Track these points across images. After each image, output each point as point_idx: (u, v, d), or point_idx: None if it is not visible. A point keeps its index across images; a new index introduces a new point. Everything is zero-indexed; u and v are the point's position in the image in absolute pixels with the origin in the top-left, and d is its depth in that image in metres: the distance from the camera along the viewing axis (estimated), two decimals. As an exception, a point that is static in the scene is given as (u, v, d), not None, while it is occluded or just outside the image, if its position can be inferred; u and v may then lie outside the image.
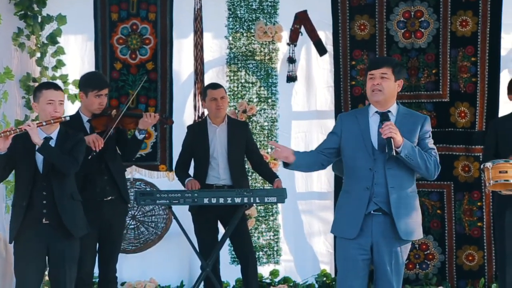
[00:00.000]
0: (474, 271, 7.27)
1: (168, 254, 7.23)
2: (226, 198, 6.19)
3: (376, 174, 4.53)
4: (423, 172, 4.57)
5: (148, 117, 5.94)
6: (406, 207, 4.55)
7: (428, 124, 4.68)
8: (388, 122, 4.48)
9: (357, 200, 4.57)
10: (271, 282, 7.34)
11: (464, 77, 7.28)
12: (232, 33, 7.44)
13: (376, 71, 4.58)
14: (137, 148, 6.08)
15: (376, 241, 4.54)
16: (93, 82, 5.91)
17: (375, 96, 4.58)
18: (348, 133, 4.65)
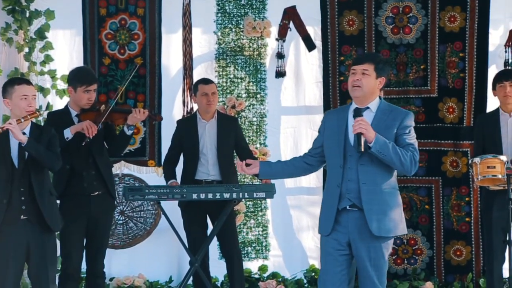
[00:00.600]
0: (462, 266, 7.29)
1: (157, 250, 7.23)
2: (214, 193, 6.18)
3: (350, 170, 4.54)
4: (398, 167, 4.55)
5: (137, 113, 5.93)
6: (380, 203, 4.53)
7: (409, 119, 4.62)
8: (359, 118, 4.48)
9: (330, 197, 4.61)
10: (260, 278, 7.35)
11: (452, 72, 7.30)
12: (220, 28, 7.43)
13: (358, 66, 4.58)
14: (125, 144, 6.08)
15: (352, 237, 4.55)
16: (82, 77, 5.90)
17: (354, 91, 4.59)
18: (329, 131, 4.68)
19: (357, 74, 4.57)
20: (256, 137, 7.44)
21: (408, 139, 4.60)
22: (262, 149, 7.41)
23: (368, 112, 4.61)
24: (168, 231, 6.52)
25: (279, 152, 7.54)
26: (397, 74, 7.35)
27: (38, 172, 5.23)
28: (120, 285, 7.12)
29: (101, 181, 5.90)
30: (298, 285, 7.30)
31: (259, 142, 7.43)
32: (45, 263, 5.23)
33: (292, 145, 7.61)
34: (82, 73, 6.00)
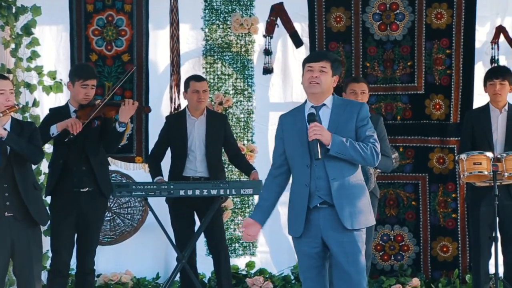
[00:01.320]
0: (449, 262, 7.32)
1: (144, 246, 7.22)
2: (202, 190, 6.19)
3: (317, 168, 4.54)
4: (360, 162, 4.55)
5: (127, 104, 5.93)
6: (349, 197, 4.54)
7: (365, 110, 4.61)
8: (312, 124, 4.47)
9: (299, 198, 4.59)
10: (247, 274, 7.35)
11: (439, 69, 7.32)
12: (208, 25, 7.43)
13: (316, 64, 4.56)
14: (116, 141, 6.06)
15: (325, 233, 4.55)
16: (80, 72, 5.97)
17: (313, 88, 4.56)
18: (288, 133, 4.65)
19: (315, 71, 4.55)
20: (244, 133, 7.44)
21: (367, 131, 4.60)
22: (249, 146, 7.41)
23: (325, 108, 4.61)
24: (155, 228, 6.52)
25: (266, 148, 7.54)
26: (384, 71, 7.37)
27: (21, 167, 5.22)
28: (107, 282, 7.11)
29: (91, 178, 5.89)
30: (285, 281, 7.31)
31: (247, 138, 7.44)
32: (30, 260, 5.21)
33: (276, 142, 7.60)
34: (81, 68, 6.12)
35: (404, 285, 7.16)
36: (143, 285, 7.20)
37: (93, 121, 5.91)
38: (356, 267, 4.55)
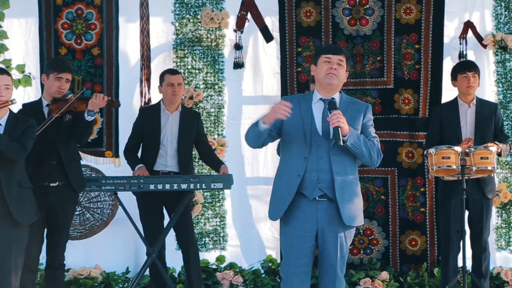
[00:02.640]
0: (417, 255, 7.38)
1: (114, 240, 7.20)
2: (172, 184, 6.18)
3: (322, 160, 4.54)
4: (366, 160, 4.59)
5: (96, 98, 5.90)
6: (350, 193, 4.57)
7: (370, 112, 4.69)
8: (336, 111, 4.46)
9: (287, 186, 4.56)
10: (217, 268, 7.35)
11: (408, 64, 7.37)
12: (178, 19, 7.41)
13: (335, 56, 4.58)
14: (86, 130, 6.00)
15: (321, 227, 4.55)
16: (55, 64, 5.97)
17: (331, 79, 4.56)
18: (290, 118, 4.63)
19: (333, 63, 4.57)
20: (214, 128, 7.43)
21: (373, 131, 4.69)
22: (220, 140, 7.41)
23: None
24: (125, 222, 6.50)
25: (237, 143, 7.55)
26: (354, 66, 7.40)
27: (6, 163, 5.16)
28: (76, 276, 7.09)
29: (61, 172, 5.85)
30: (255, 275, 7.32)
31: (217, 133, 7.43)
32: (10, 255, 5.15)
33: (249, 136, 7.61)
34: (56, 61, 6.14)
35: (373, 278, 7.21)
36: (112, 279, 7.18)
37: (65, 115, 5.88)
38: (343, 262, 4.62)
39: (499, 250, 7.34)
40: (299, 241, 4.56)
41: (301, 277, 4.59)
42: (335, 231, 4.56)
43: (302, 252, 4.56)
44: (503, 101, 7.34)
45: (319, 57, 4.63)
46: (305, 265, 4.58)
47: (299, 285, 4.58)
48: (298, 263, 4.56)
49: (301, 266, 4.57)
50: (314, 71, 4.67)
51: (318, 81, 4.65)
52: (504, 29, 7.34)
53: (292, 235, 4.58)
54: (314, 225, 4.55)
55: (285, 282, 4.61)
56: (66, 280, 6.89)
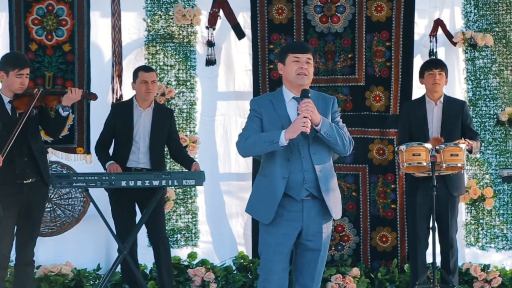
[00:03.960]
0: (388, 252, 7.43)
1: (85, 237, 7.17)
2: (144, 180, 6.15)
3: (304, 160, 4.56)
4: (340, 148, 4.59)
5: (72, 92, 5.87)
6: (332, 189, 4.61)
7: (336, 104, 4.73)
8: (305, 100, 4.47)
9: (274, 188, 4.56)
10: (189, 265, 7.35)
11: (379, 61, 7.41)
12: (150, 15, 7.40)
13: (303, 55, 4.59)
14: (61, 126, 5.99)
15: (306, 225, 4.58)
16: (14, 61, 5.85)
17: (302, 79, 4.57)
18: (267, 116, 4.62)
19: (302, 63, 4.58)
20: (186, 124, 7.43)
21: (340, 122, 4.71)
22: (192, 137, 7.40)
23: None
24: (97, 219, 6.48)
25: (209, 139, 7.55)
26: (325, 63, 7.43)
27: None
28: (47, 273, 7.05)
29: (34, 168, 5.82)
30: (227, 271, 7.33)
31: (189, 129, 7.43)
32: None
33: (222, 133, 7.63)
34: (14, 57, 5.96)
35: (344, 275, 7.24)
36: (83, 276, 7.15)
37: (31, 110, 5.83)
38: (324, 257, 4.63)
39: (468, 246, 7.41)
40: (284, 240, 4.58)
41: (281, 274, 4.62)
42: (320, 227, 4.59)
43: (285, 250, 4.59)
44: (473, 99, 7.40)
45: (286, 56, 4.63)
46: (285, 262, 4.62)
47: (279, 282, 4.61)
48: (279, 260, 4.59)
49: (281, 263, 4.60)
50: (282, 69, 4.66)
51: (288, 81, 4.65)
52: (474, 27, 7.41)
53: (277, 233, 4.59)
54: (300, 224, 4.58)
55: (265, 280, 4.63)
56: (36, 277, 6.87)
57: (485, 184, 7.37)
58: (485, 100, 7.40)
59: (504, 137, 7.38)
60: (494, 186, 7.36)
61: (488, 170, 7.39)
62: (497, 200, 7.38)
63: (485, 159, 7.39)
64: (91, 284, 7.20)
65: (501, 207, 7.38)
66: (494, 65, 7.38)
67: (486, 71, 7.40)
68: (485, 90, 7.40)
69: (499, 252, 7.39)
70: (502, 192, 7.39)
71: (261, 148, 4.55)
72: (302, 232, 4.59)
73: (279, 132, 4.45)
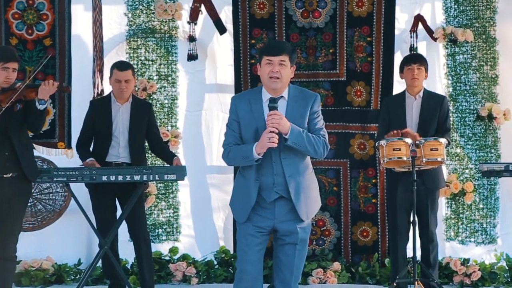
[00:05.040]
0: (368, 246, 7.46)
1: (66, 232, 7.16)
2: (125, 175, 6.13)
3: (275, 164, 4.57)
4: (311, 154, 4.61)
5: (46, 85, 5.83)
6: (305, 191, 4.61)
7: (318, 103, 4.68)
8: (271, 112, 4.47)
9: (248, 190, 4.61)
10: (170, 260, 7.36)
11: (360, 56, 7.43)
12: (131, 9, 7.38)
13: (276, 58, 4.54)
14: (39, 119, 5.93)
15: (278, 223, 4.60)
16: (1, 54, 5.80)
17: (274, 83, 4.55)
18: (243, 119, 4.63)
19: (275, 66, 4.53)
20: (168, 119, 7.42)
21: (320, 123, 4.68)
22: (173, 132, 7.40)
23: (282, 100, 4.61)
24: (78, 214, 6.45)
25: (191, 134, 7.55)
26: (307, 58, 7.44)
27: None
28: (27, 268, 7.03)
29: (15, 163, 5.78)
30: (208, 266, 7.34)
31: (171, 124, 7.42)
32: None
33: (204, 127, 7.63)
34: (1, 51, 5.91)
35: (325, 269, 7.26)
36: (64, 271, 7.14)
37: (15, 104, 5.80)
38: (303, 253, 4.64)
39: (449, 241, 7.45)
40: (256, 231, 4.61)
41: (256, 265, 4.64)
42: (294, 226, 4.60)
43: (257, 240, 4.61)
44: (453, 94, 7.44)
45: (262, 58, 4.61)
46: (259, 253, 4.64)
47: (254, 273, 4.62)
48: (253, 250, 4.61)
49: (255, 253, 4.62)
50: (259, 71, 4.66)
51: (263, 83, 4.65)
52: (454, 22, 7.44)
53: (248, 226, 4.63)
54: (272, 221, 4.61)
55: (241, 271, 4.65)
56: (17, 272, 6.83)
57: (465, 178, 7.41)
58: (465, 95, 7.44)
59: (484, 132, 7.42)
60: (474, 180, 7.41)
61: (468, 164, 7.43)
62: (477, 195, 7.42)
63: (465, 153, 7.43)
64: (72, 279, 7.19)
65: (481, 201, 7.43)
66: (474, 61, 7.41)
67: (466, 66, 7.43)
68: (465, 85, 7.43)
69: (479, 246, 7.44)
70: (482, 186, 7.43)
71: (242, 163, 4.63)
72: (277, 229, 4.61)
73: (251, 147, 4.50)
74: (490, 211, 7.43)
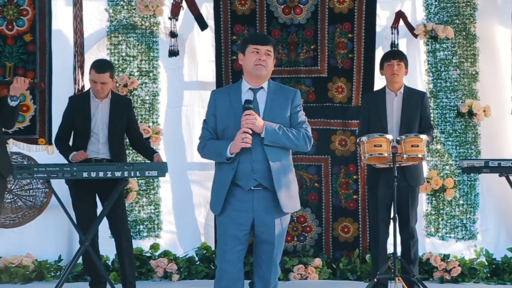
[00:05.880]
0: (349, 242, 7.48)
1: (47, 229, 7.14)
2: (106, 172, 6.09)
3: (255, 150, 4.57)
4: (293, 149, 4.64)
5: (17, 82, 5.80)
6: (285, 181, 4.61)
7: (299, 98, 4.72)
8: (247, 112, 4.50)
9: (223, 179, 4.61)
10: (151, 256, 7.35)
11: (342, 53, 7.45)
12: (112, 5, 7.36)
13: (262, 47, 4.60)
14: (11, 116, 5.89)
15: (257, 215, 4.59)
16: None
17: (260, 70, 4.58)
18: (221, 110, 4.64)
19: (261, 54, 4.58)
20: (149, 115, 7.41)
21: (300, 117, 4.70)
22: (154, 128, 7.38)
23: (262, 91, 4.64)
24: (58, 210, 6.41)
25: (172, 130, 7.54)
26: (288, 54, 7.44)
27: None
28: (7, 265, 7.00)
29: None
30: (189, 262, 7.34)
31: (152, 120, 7.40)
32: None
33: (185, 124, 7.63)
34: None
35: (306, 265, 7.28)
36: (44, 267, 7.12)
37: None
38: (280, 248, 4.64)
39: (429, 237, 7.49)
40: (235, 229, 4.59)
41: (236, 265, 4.62)
42: (273, 219, 4.60)
43: (237, 240, 4.59)
44: (434, 90, 7.47)
45: (247, 47, 4.64)
46: (240, 252, 4.62)
47: (234, 272, 4.61)
48: (233, 250, 4.59)
49: (235, 253, 4.60)
50: (242, 60, 4.68)
51: (247, 71, 4.66)
52: (435, 19, 7.47)
53: (227, 223, 4.61)
54: (250, 214, 4.59)
55: (221, 270, 4.63)
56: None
57: (446, 175, 7.45)
58: (446, 92, 7.47)
59: (464, 128, 7.46)
60: (454, 177, 7.44)
61: (449, 161, 7.47)
62: (457, 191, 7.46)
63: (446, 150, 7.46)
64: (52, 276, 7.16)
65: (461, 197, 7.47)
66: (455, 57, 7.45)
67: (446, 63, 7.47)
68: (446, 82, 7.47)
69: (459, 242, 7.48)
70: (462, 182, 7.47)
71: (214, 159, 4.68)
72: (255, 223, 4.61)
73: (226, 145, 4.53)
74: (470, 207, 7.47)
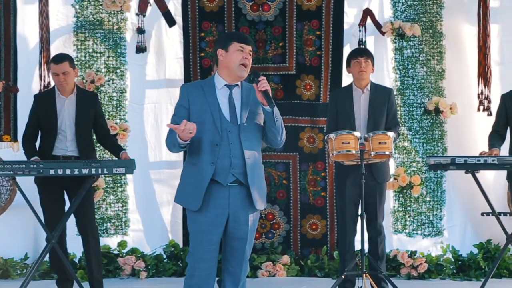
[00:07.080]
0: (317, 239, 7.50)
1: (12, 226, 7.07)
2: (73, 169, 6.04)
3: (233, 146, 4.56)
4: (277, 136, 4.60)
5: None
6: (258, 178, 4.61)
7: None
8: (263, 77, 4.48)
9: (202, 174, 4.55)
10: (119, 254, 7.31)
11: (310, 50, 7.47)
12: (79, 1, 7.31)
13: (247, 47, 4.56)
14: None
15: (233, 211, 4.57)
16: None
17: (243, 72, 4.55)
18: (195, 105, 4.60)
19: (246, 53, 4.55)
20: (116, 112, 7.37)
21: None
22: (122, 125, 7.34)
23: (237, 88, 4.62)
24: (24, 208, 6.35)
25: (139, 127, 7.51)
26: (256, 51, 7.44)
27: None
28: (-28, 263, 6.94)
29: None
30: (157, 260, 7.31)
31: (119, 117, 7.36)
32: None
33: (153, 121, 7.60)
34: None
35: (274, 262, 7.29)
36: (10, 265, 7.05)
37: None
38: (251, 245, 4.63)
39: (396, 233, 7.54)
40: (211, 227, 4.56)
41: (209, 263, 4.59)
42: (246, 215, 4.59)
43: (213, 238, 4.57)
44: (401, 88, 7.52)
45: (231, 43, 4.57)
46: (214, 251, 4.60)
47: (207, 270, 4.60)
48: (208, 249, 4.57)
49: (210, 252, 4.58)
50: (222, 56, 4.61)
51: (227, 68, 4.61)
52: (402, 17, 7.51)
53: (204, 221, 4.57)
54: (226, 210, 4.57)
55: (193, 268, 4.60)
56: (-39, 268, 6.75)
57: (413, 172, 7.50)
58: (413, 89, 7.52)
59: (431, 125, 7.51)
60: (421, 174, 7.50)
61: (416, 158, 7.52)
62: (424, 188, 7.51)
63: (413, 147, 7.51)
64: (18, 274, 7.10)
65: (428, 194, 7.52)
66: (422, 55, 7.50)
67: (414, 60, 7.51)
68: (413, 79, 7.52)
69: (426, 238, 7.54)
70: (429, 179, 7.52)
71: (174, 151, 4.66)
72: (229, 220, 4.59)
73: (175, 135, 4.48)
74: (437, 204, 7.53)
